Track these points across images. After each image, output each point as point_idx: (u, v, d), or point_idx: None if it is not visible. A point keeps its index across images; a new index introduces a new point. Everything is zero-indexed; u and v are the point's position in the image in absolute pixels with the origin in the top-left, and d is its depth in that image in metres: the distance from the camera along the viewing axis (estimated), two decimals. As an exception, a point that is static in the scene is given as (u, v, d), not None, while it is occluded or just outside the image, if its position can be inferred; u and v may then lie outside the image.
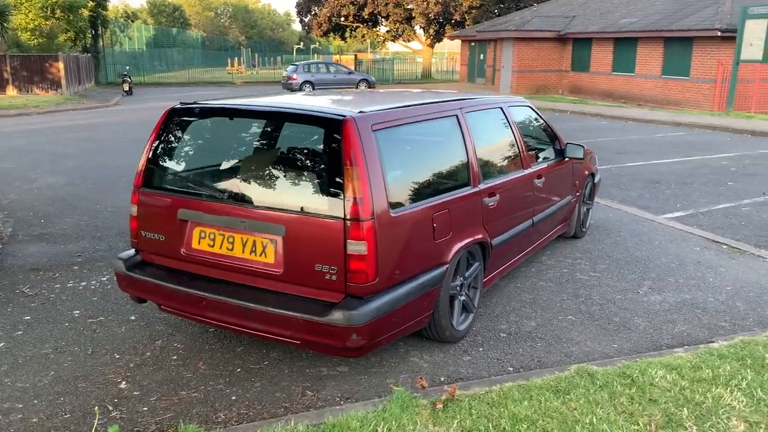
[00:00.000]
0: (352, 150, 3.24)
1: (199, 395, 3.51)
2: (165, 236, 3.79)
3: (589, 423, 3.02)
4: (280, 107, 3.67)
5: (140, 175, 3.89)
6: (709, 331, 4.38)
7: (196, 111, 3.84)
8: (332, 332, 3.21)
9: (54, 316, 4.57)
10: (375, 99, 4.13)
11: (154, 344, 4.12)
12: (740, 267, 5.69)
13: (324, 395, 3.52)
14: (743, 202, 8.09)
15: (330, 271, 3.28)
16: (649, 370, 3.52)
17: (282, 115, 3.68)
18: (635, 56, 24.49)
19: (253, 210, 3.46)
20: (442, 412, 3.13)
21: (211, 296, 3.52)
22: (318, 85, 30.57)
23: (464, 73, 36.83)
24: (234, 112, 3.85)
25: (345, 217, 3.21)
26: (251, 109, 3.82)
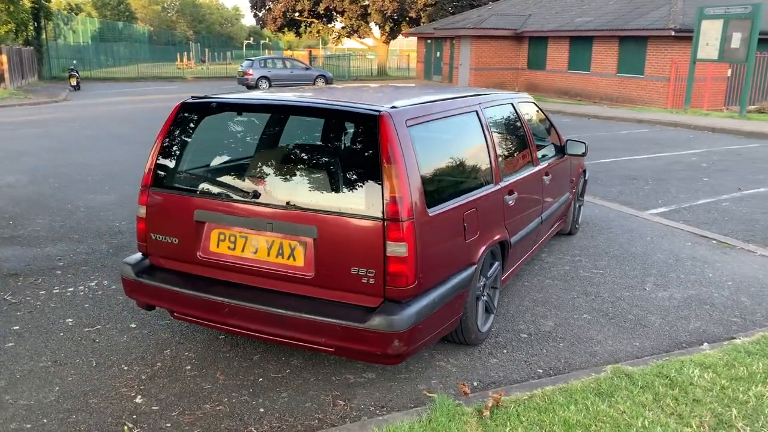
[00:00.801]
0: (389, 146, 3.08)
1: (225, 408, 3.30)
2: (179, 239, 3.55)
3: (642, 427, 2.95)
4: (309, 103, 3.48)
5: (149, 175, 3.64)
6: (723, 327, 4.40)
7: (213, 106, 3.61)
8: (372, 339, 3.05)
9: (45, 326, 4.26)
10: (396, 94, 3.98)
11: (163, 354, 3.87)
12: (734, 262, 5.77)
13: (356, 404, 3.35)
14: (722, 197, 8.25)
15: (367, 275, 3.11)
16: (684, 369, 3.49)
17: (312, 111, 3.49)
18: (591, 55, 24.93)
19: (281, 210, 3.26)
20: (490, 419, 3.01)
21: (236, 303, 3.32)
22: (275, 80, 30.12)
23: (421, 70, 36.87)
24: (256, 108, 3.64)
25: (384, 217, 3.05)
26: (276, 104, 3.62)
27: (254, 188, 3.35)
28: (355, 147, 3.22)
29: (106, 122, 16.04)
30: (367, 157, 3.14)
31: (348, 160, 3.25)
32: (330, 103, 3.40)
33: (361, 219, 3.10)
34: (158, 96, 25.13)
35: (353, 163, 3.22)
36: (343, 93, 3.96)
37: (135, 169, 9.78)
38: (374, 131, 3.13)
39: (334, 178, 3.27)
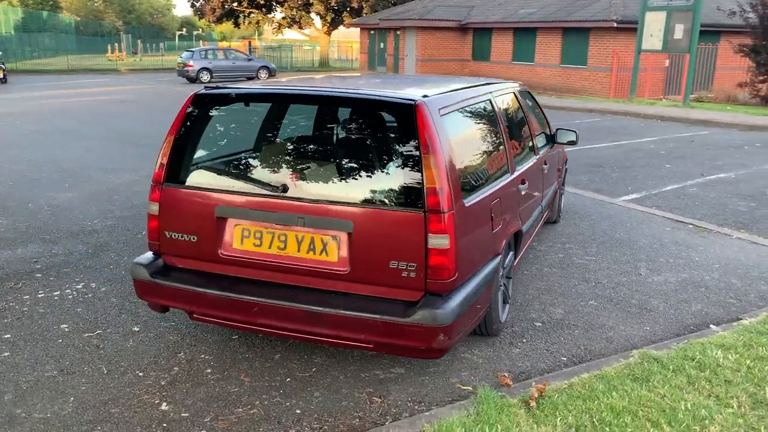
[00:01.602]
0: (427, 135, 3.01)
1: (259, 411, 3.17)
2: (197, 236, 3.38)
3: (686, 409, 2.99)
4: (338, 92, 3.36)
5: (162, 170, 3.44)
6: (723, 308, 4.53)
7: (231, 96, 3.44)
8: (416, 333, 2.98)
9: (40, 333, 3.99)
10: (415, 82, 3.89)
11: (177, 357, 3.69)
12: (714, 245, 5.96)
13: (393, 400, 3.28)
14: (687, 183, 8.53)
15: (408, 268, 3.04)
16: (707, 351, 3.57)
17: (341, 101, 3.37)
18: (534, 46, 25.40)
19: (313, 205, 3.14)
20: (538, 410, 2.99)
21: (267, 301, 3.18)
22: (216, 72, 29.39)
23: (364, 61, 36.73)
24: (279, 98, 3.49)
25: (425, 209, 2.98)
26: (303, 95, 3.47)
27: (283, 182, 3.22)
28: (391, 137, 3.13)
29: (47, 117, 15.26)
30: (404, 147, 3.05)
31: (385, 150, 3.16)
32: (361, 93, 3.29)
33: (401, 211, 3.02)
34: (95, 89, 24.14)
35: (389, 153, 3.13)
36: (359, 82, 3.85)
37: (92, 165, 9.35)
38: (410, 120, 3.05)
39: (370, 169, 3.17)
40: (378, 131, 3.23)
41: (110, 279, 4.89)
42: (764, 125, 13.25)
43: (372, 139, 3.27)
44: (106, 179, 8.46)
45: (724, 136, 12.49)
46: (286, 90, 3.49)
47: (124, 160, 9.92)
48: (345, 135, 3.38)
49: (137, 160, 9.84)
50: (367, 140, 3.29)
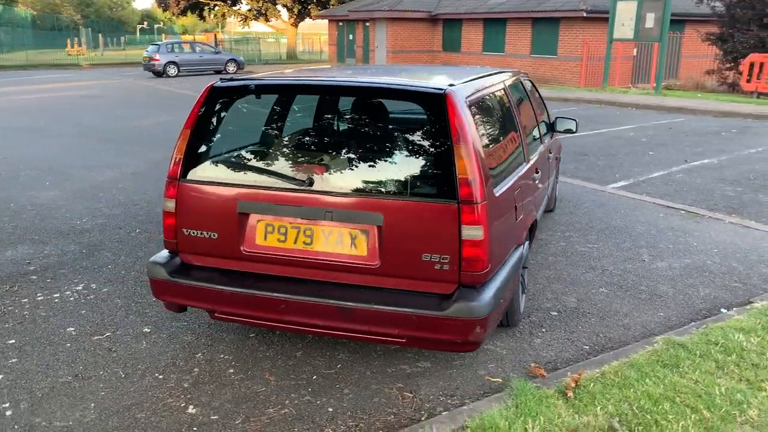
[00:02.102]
0: (458, 125, 2.96)
1: (290, 411, 3.09)
2: (218, 233, 3.27)
3: (720, 394, 3.01)
4: (365, 83, 3.27)
5: (178, 165, 3.32)
6: (730, 292, 4.59)
7: (250, 88, 3.33)
8: (453, 327, 2.93)
9: (46, 337, 3.84)
10: (435, 71, 3.82)
11: (196, 358, 3.59)
12: (709, 230, 6.04)
13: (424, 395, 3.24)
14: (673, 169, 8.64)
15: (441, 261, 2.98)
16: (728, 335, 3.60)
17: (370, 91, 3.29)
18: (505, 36, 25.51)
19: (342, 198, 3.06)
20: (576, 400, 2.98)
21: (296, 298, 3.10)
22: (183, 66, 28.94)
23: (333, 53, 36.49)
24: (303, 89, 3.38)
25: (459, 200, 2.92)
26: (328, 85, 3.38)
27: (309, 175, 3.13)
28: (420, 127, 3.07)
29: (13, 114, 14.78)
30: (435, 137, 3.00)
31: (415, 141, 3.09)
32: (387, 83, 3.22)
33: (433, 203, 2.96)
34: (59, 85, 23.49)
35: (419, 144, 3.07)
36: (375, 72, 3.77)
37: (70, 163, 9.08)
38: (441, 110, 2.99)
39: (400, 161, 3.10)
40: (404, 121, 3.17)
41: (110, 279, 4.73)
42: (736, 111, 13.52)
43: (400, 130, 3.20)
44: (87, 177, 8.22)
45: (700, 122, 12.70)
46: (309, 81, 3.39)
47: (102, 156, 9.65)
48: (375, 126, 3.30)
49: (116, 157, 9.59)
50: (395, 131, 3.22)
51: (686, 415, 2.84)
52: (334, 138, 3.30)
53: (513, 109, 4.02)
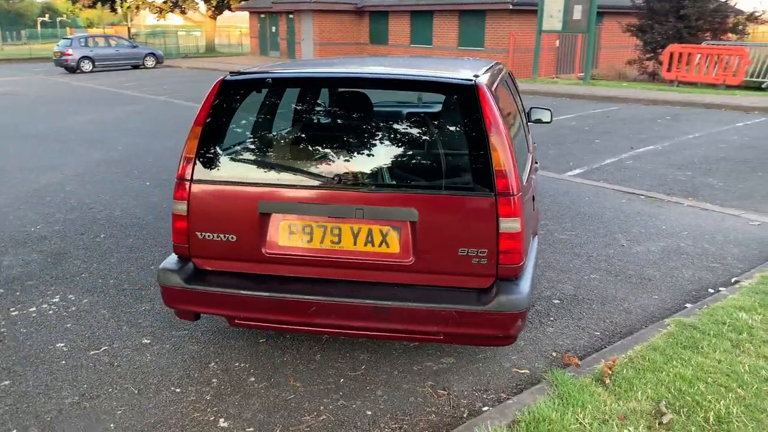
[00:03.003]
0: (491, 116, 2.91)
1: (329, 417, 2.97)
2: (237, 235, 3.10)
3: (746, 372, 3.11)
4: (392, 74, 3.16)
5: (190, 164, 3.11)
6: (711, 272, 4.78)
7: (265, 82, 3.16)
8: (495, 321, 2.90)
9: (34, 355, 3.55)
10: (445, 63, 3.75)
11: (209, 368, 3.40)
12: (673, 214, 6.29)
13: (458, 391, 3.19)
14: (622, 156, 8.94)
15: (478, 255, 2.94)
16: (732, 314, 3.74)
17: (397, 83, 3.18)
18: (432, 29, 25.72)
19: (374, 194, 2.95)
20: (615, 386, 3.01)
21: (328, 300, 2.98)
22: (99, 60, 27.67)
23: (255, 46, 35.78)
24: (325, 82, 3.24)
25: (496, 192, 2.88)
26: (351, 77, 3.24)
27: (338, 171, 3.00)
28: (452, 119, 3.00)
29: None
30: (468, 129, 2.94)
31: (448, 133, 3.02)
32: (415, 75, 3.13)
33: (470, 196, 2.91)
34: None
35: (451, 136, 3.01)
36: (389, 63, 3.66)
37: (2, 166, 8.45)
38: (473, 101, 2.93)
39: (432, 154, 3.03)
40: (434, 113, 3.09)
41: (88, 289, 4.42)
42: (664, 99, 14.17)
43: (431, 122, 3.12)
44: (27, 179, 7.67)
45: (633, 111, 13.22)
46: (331, 74, 3.25)
47: (37, 157, 9.04)
48: (402, 118, 3.20)
49: (53, 157, 9.01)
50: (426, 123, 3.14)
51: (722, 394, 2.92)
52: (359, 132, 3.18)
53: (516, 99, 4.02)
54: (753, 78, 16.13)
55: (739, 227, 5.82)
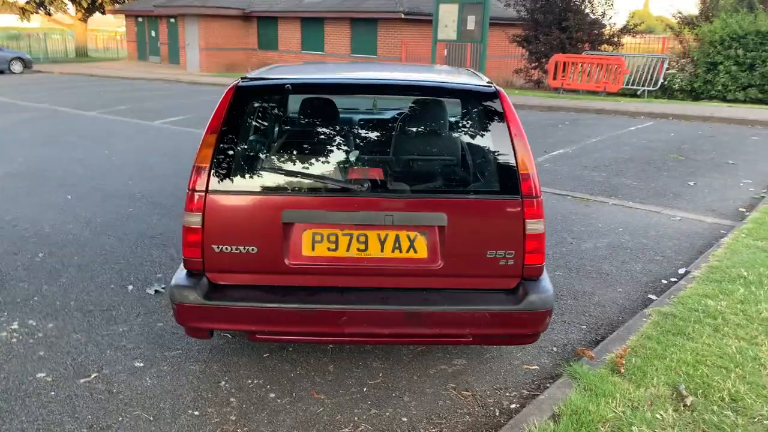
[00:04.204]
0: (513, 122, 3.02)
1: (367, 427, 2.94)
2: (258, 247, 2.99)
3: (735, 353, 3.41)
4: (416, 81, 3.16)
5: (204, 175, 2.96)
6: (657, 265, 5.17)
7: (281, 88, 3.07)
8: (527, 320, 3.00)
9: (15, 388, 3.23)
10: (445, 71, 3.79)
11: (221, 387, 3.24)
12: (603, 212, 6.72)
13: (481, 391, 3.26)
14: (538, 160, 9.39)
15: (506, 256, 3.02)
16: (701, 301, 4.06)
17: (420, 90, 3.18)
18: (323, 36, 25.74)
19: (404, 200, 2.96)
20: (630, 375, 3.19)
21: (359, 308, 2.94)
22: (-43, 65, 25.23)
23: (133, 50, 34.10)
24: (344, 88, 3.18)
25: (522, 195, 2.99)
26: (375, 84, 3.20)
27: (366, 179, 2.98)
28: (475, 125, 3.07)
29: None
30: (493, 134, 3.02)
31: (470, 138, 3.08)
32: (438, 82, 3.16)
33: (498, 199, 2.99)
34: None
35: (477, 141, 3.07)
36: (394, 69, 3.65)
37: None
38: (497, 108, 3.02)
39: (459, 159, 3.08)
40: (463, 118, 3.14)
41: (49, 313, 4.06)
42: (558, 106, 15.05)
43: (455, 128, 3.17)
44: (-76, 196, 6.88)
45: (534, 117, 13.93)
46: (351, 80, 3.21)
47: (-75, 172, 8.13)
48: (424, 125, 3.21)
49: (-55, 171, 8.14)
50: (448, 128, 3.18)
51: (725, 375, 3.19)
52: (382, 138, 3.16)
53: None
54: (630, 86, 17.52)
55: (664, 223, 6.32)
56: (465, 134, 3.13)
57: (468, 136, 3.12)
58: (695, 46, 18.02)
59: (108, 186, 7.31)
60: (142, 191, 7.10)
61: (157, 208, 6.45)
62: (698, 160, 9.28)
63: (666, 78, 17.64)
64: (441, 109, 3.25)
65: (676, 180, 8.09)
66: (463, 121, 3.17)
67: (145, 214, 6.24)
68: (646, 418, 2.83)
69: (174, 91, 19.10)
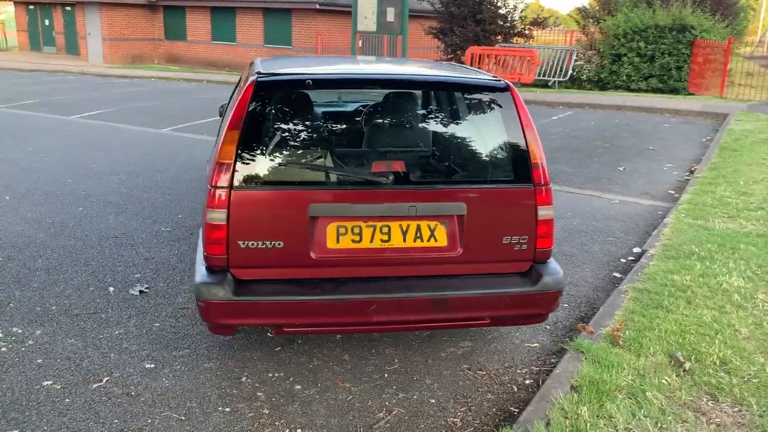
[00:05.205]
0: (523, 114, 3.20)
1: (401, 411, 3.06)
2: (284, 242, 3.02)
3: (712, 321, 3.76)
4: (435, 77, 3.26)
5: (228, 170, 2.94)
6: (612, 245, 5.55)
7: (302, 82, 3.09)
8: (542, 300, 3.19)
9: (25, 398, 3.09)
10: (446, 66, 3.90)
11: (243, 382, 3.25)
12: (548, 198, 7.09)
13: (494, 370, 3.44)
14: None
15: (520, 242, 3.21)
16: (666, 277, 4.42)
17: (439, 85, 3.28)
18: (235, 26, 25.19)
19: (427, 191, 3.07)
20: (629, 346, 3.47)
21: (386, 296, 3.04)
22: None
23: (25, 40, 31.99)
24: (366, 83, 3.23)
25: (534, 183, 3.18)
26: (394, 79, 3.26)
27: (390, 171, 3.07)
28: (489, 117, 3.21)
29: None
30: (506, 126, 3.18)
31: (485, 130, 3.22)
32: (456, 77, 3.27)
33: (512, 187, 3.16)
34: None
35: (491, 133, 3.22)
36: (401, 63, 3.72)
37: None
38: (509, 101, 3.19)
39: (476, 150, 3.22)
40: (477, 112, 3.28)
41: (32, 320, 3.88)
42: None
43: (470, 120, 3.30)
44: None
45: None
46: (371, 75, 3.26)
47: None
48: (441, 118, 3.32)
49: None
50: (464, 122, 3.31)
51: (709, 341, 3.52)
52: (402, 131, 3.24)
53: None
54: (542, 77, 18.33)
55: (606, 206, 6.76)
56: (480, 126, 3.28)
57: (483, 128, 3.26)
58: (600, 38, 19.06)
59: (46, 185, 6.95)
60: (86, 190, 6.80)
61: (109, 206, 6.21)
62: (622, 146, 9.92)
63: (575, 69, 18.58)
64: (457, 103, 3.38)
65: (606, 166, 8.62)
66: (477, 113, 3.31)
67: (98, 213, 6.00)
68: (655, 383, 3.10)
69: (82, 84, 18.17)
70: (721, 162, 8.30)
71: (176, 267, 4.73)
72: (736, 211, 6.10)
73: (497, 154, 3.21)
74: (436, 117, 3.43)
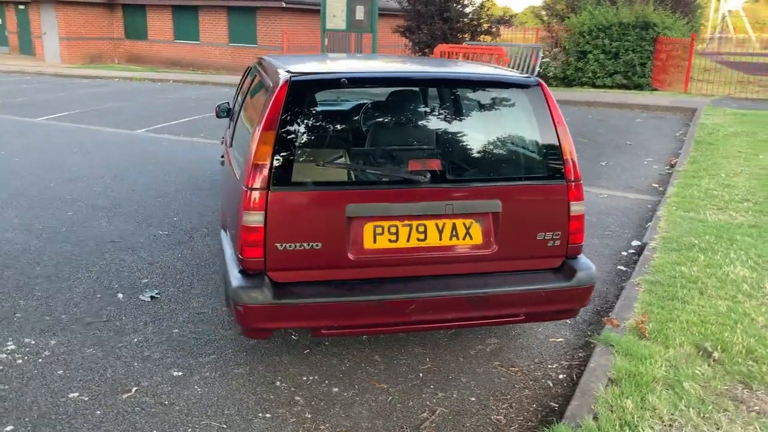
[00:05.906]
0: (555, 110, 3.22)
1: (444, 410, 3.05)
2: (322, 243, 2.97)
3: (728, 312, 3.84)
4: (467, 74, 3.25)
5: (264, 172, 2.88)
6: (610, 239, 5.63)
7: (343, 82, 3.03)
8: (576, 295, 3.22)
9: (53, 412, 2.98)
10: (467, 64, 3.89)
11: (278, 387, 3.19)
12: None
13: (526, 366, 3.46)
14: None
15: (553, 238, 3.22)
16: (674, 269, 4.51)
17: (471, 83, 3.26)
18: (198, 24, 24.76)
19: (463, 189, 3.07)
20: (655, 338, 3.52)
21: (425, 295, 3.02)
22: None
23: (-25, 40, 30.86)
24: (397, 82, 3.19)
25: (566, 179, 3.20)
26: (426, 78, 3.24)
27: (426, 170, 3.05)
28: (522, 114, 3.22)
29: None
30: (539, 123, 3.18)
31: (517, 127, 3.23)
32: (488, 74, 3.27)
33: (546, 184, 3.18)
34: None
35: (524, 130, 3.22)
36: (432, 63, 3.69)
37: None
38: (540, 98, 3.20)
39: (510, 147, 3.22)
40: (505, 109, 3.29)
41: (43, 330, 3.74)
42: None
43: (501, 118, 3.30)
44: None
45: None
46: (403, 74, 3.23)
47: None
48: (477, 115, 3.31)
49: None
50: (496, 119, 3.31)
51: (731, 331, 3.60)
52: (435, 130, 3.22)
53: None
54: (510, 74, 18.50)
55: (595, 200, 6.86)
56: (512, 123, 3.28)
57: (515, 124, 3.27)
58: (565, 36, 19.36)
59: (29, 190, 6.71)
60: (71, 194, 6.59)
61: (99, 210, 6.03)
62: (600, 142, 10.10)
63: (541, 66, 18.81)
64: (488, 100, 3.38)
65: (589, 161, 8.76)
66: (510, 110, 3.32)
67: (89, 217, 5.82)
68: (689, 374, 3.16)
69: (43, 85, 17.63)
70: (700, 155, 8.52)
71: (183, 271, 4.62)
72: (723, 203, 6.26)
73: (530, 150, 3.23)
74: (468, 114, 3.43)
